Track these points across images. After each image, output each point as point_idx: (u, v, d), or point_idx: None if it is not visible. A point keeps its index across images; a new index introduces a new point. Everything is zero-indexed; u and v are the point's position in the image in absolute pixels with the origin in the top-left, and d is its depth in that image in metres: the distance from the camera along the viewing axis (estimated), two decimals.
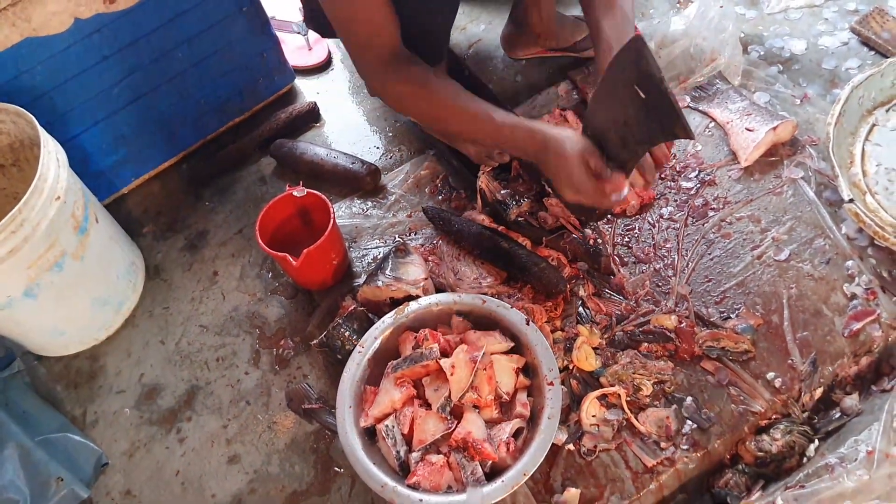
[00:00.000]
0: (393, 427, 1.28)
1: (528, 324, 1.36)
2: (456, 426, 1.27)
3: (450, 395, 1.27)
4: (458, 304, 1.42)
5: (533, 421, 1.29)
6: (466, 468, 1.22)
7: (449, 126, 1.52)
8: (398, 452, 1.26)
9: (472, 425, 1.26)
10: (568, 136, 1.30)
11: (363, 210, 1.79)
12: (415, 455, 1.25)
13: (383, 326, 1.41)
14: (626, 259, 1.57)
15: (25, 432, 1.48)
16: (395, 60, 1.39)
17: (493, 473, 1.24)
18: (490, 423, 1.29)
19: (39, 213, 1.40)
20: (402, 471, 1.26)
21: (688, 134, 1.10)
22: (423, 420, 1.28)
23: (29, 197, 1.37)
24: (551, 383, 1.29)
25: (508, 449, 1.24)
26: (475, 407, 1.29)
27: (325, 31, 1.69)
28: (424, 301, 1.43)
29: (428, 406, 1.30)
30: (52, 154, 1.46)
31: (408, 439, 1.28)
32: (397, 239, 1.71)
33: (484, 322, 1.41)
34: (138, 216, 1.93)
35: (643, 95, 1.11)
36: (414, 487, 1.22)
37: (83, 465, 1.49)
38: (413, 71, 1.40)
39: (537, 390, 1.32)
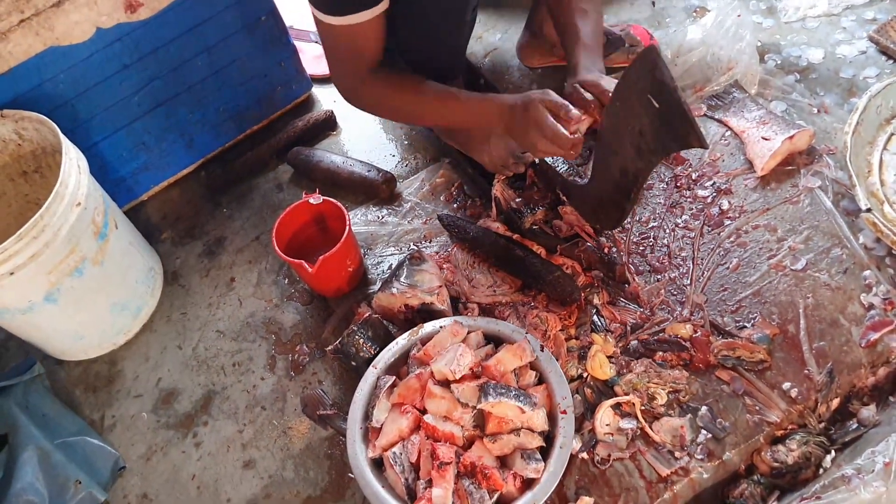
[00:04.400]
0: (401, 454, 1.27)
1: (542, 350, 1.36)
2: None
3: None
4: (472, 328, 1.42)
5: (544, 449, 1.28)
6: (474, 495, 1.21)
7: (422, 115, 1.58)
8: (406, 480, 1.25)
9: (482, 451, 1.25)
10: (525, 94, 1.37)
11: (379, 217, 1.80)
12: (422, 483, 1.24)
13: (396, 348, 1.42)
14: (641, 268, 1.56)
15: (45, 435, 1.50)
16: (369, 73, 1.47)
17: None
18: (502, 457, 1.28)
19: (60, 218, 1.42)
20: (411, 499, 1.25)
21: (702, 143, 1.10)
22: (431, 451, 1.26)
23: (50, 203, 1.40)
24: (564, 412, 1.29)
25: (516, 482, 1.23)
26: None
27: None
28: (438, 323, 1.44)
29: (434, 438, 1.28)
30: (73, 161, 1.48)
31: (415, 467, 1.27)
32: (412, 246, 1.72)
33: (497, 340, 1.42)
34: (157, 222, 1.96)
35: (657, 105, 1.11)
36: None
37: (101, 469, 1.51)
38: (380, 75, 1.47)
39: (550, 418, 1.31)
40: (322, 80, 2.18)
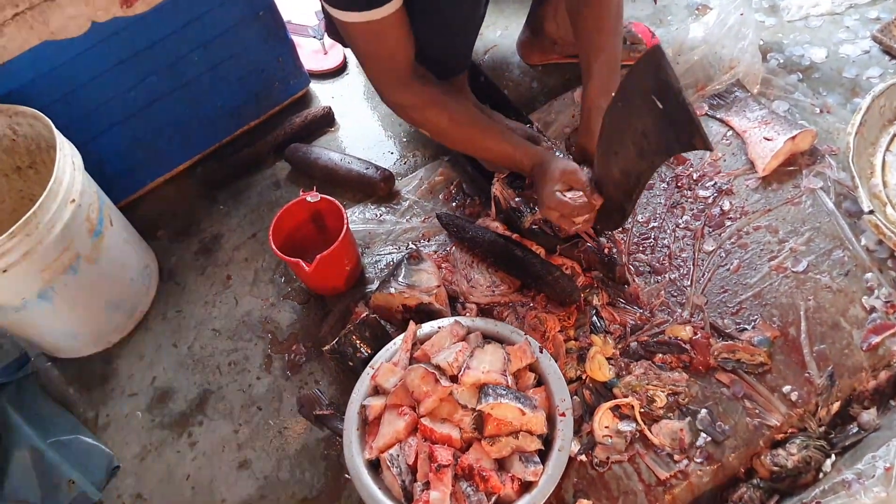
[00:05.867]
0: (398, 456, 1.26)
1: (541, 351, 1.35)
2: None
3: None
4: (471, 328, 1.40)
5: (542, 452, 1.27)
6: (472, 498, 1.19)
7: (457, 141, 1.56)
8: (403, 482, 1.24)
9: (480, 454, 1.24)
10: (558, 159, 1.43)
11: (377, 216, 1.79)
12: (420, 485, 1.23)
13: (394, 348, 1.41)
14: (641, 269, 1.55)
15: (38, 434, 1.49)
16: (409, 75, 1.44)
17: None
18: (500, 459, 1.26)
19: (54, 215, 1.41)
20: (408, 501, 1.23)
21: (706, 145, 1.09)
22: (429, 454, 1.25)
23: (44, 199, 1.38)
24: (563, 414, 1.28)
25: (514, 484, 1.22)
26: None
27: (345, 41, 1.69)
28: (436, 324, 1.42)
29: (431, 441, 1.26)
30: (67, 157, 1.47)
31: (413, 469, 1.26)
32: (411, 245, 1.71)
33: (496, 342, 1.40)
34: (153, 219, 1.94)
35: (661, 106, 1.10)
36: None
37: (95, 468, 1.50)
38: (427, 87, 1.46)
39: (548, 420, 1.29)
40: (320, 76, 2.16)
